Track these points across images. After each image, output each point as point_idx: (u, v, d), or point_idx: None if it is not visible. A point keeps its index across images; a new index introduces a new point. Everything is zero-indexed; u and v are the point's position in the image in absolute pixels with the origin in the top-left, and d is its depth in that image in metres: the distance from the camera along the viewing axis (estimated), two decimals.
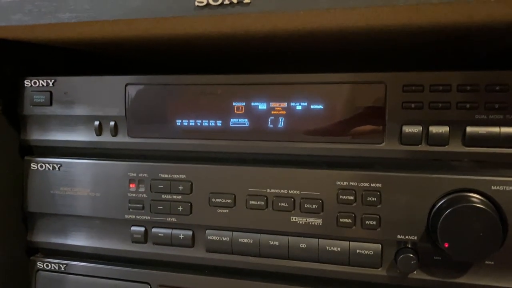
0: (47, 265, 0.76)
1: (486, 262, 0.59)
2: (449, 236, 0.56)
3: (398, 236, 0.61)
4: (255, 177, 0.65)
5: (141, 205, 0.70)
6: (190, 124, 0.67)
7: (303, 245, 0.64)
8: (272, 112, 0.64)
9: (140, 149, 0.70)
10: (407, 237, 0.60)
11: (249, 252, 0.67)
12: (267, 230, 0.66)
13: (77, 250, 0.75)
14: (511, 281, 0.58)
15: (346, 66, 0.61)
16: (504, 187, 0.57)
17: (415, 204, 0.60)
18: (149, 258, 0.71)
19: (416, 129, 0.59)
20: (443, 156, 0.59)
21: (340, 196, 0.62)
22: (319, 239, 0.64)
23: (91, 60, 0.90)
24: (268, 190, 0.65)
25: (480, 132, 0.57)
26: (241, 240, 0.67)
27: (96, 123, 0.71)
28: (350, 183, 0.62)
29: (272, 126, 0.64)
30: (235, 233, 0.67)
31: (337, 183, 0.62)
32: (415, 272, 0.61)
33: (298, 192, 0.64)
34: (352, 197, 0.62)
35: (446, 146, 0.58)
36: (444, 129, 0.58)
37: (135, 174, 0.70)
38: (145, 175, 0.70)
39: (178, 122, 0.68)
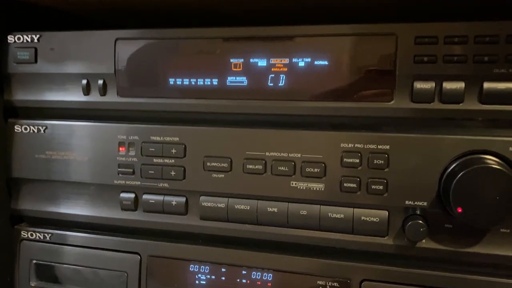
0: (31, 235, 0.72)
1: (501, 230, 0.54)
2: (462, 200, 0.52)
3: (407, 202, 0.56)
4: (253, 139, 0.61)
5: (131, 170, 0.66)
6: (184, 82, 0.63)
7: (303, 212, 0.60)
8: (273, 69, 0.59)
9: (130, 110, 0.66)
10: (416, 203, 0.56)
11: (245, 219, 0.62)
12: (265, 196, 0.61)
13: (63, 219, 0.71)
14: None
15: (353, 20, 0.56)
16: None
17: (426, 167, 0.55)
18: (139, 226, 0.67)
19: (428, 85, 0.54)
20: (457, 115, 0.54)
21: (344, 159, 0.58)
22: (321, 206, 0.59)
23: (79, 23, 0.85)
24: (267, 154, 0.61)
25: (498, 87, 0.52)
26: (238, 206, 0.62)
27: (84, 81, 0.66)
28: (356, 145, 0.57)
29: (272, 84, 0.60)
30: (231, 199, 0.63)
31: (342, 145, 0.58)
32: (424, 241, 0.57)
33: (299, 155, 0.60)
34: (357, 160, 0.57)
35: (461, 104, 0.54)
36: (459, 85, 0.53)
37: (125, 137, 0.66)
38: (136, 137, 0.65)
39: (171, 80, 0.63)
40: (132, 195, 0.66)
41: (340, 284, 0.60)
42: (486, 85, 0.53)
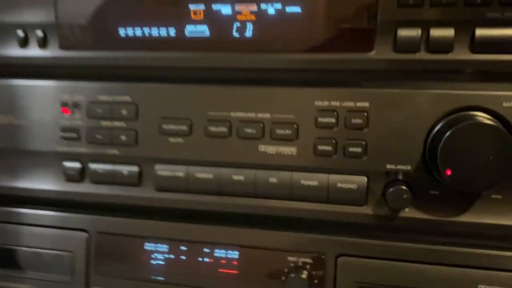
0: None
1: (492, 196, 0.49)
2: (452, 162, 0.46)
3: (388, 166, 0.50)
4: (216, 98, 0.54)
5: (76, 135, 0.58)
6: (136, 32, 0.55)
7: (273, 180, 0.54)
8: (238, 18, 0.52)
9: (74, 65, 0.58)
10: (398, 166, 0.50)
11: (208, 189, 0.56)
12: (230, 163, 0.55)
13: None
14: None
15: None
16: None
17: (410, 127, 0.50)
18: (86, 200, 0.60)
19: (414, 32, 0.48)
20: (446, 66, 0.48)
21: (319, 119, 0.51)
22: (293, 172, 0.53)
23: None
24: (232, 114, 0.54)
25: (492, 34, 0.46)
26: (198, 175, 0.55)
27: (20, 32, 0.58)
28: (331, 102, 0.51)
29: (238, 34, 0.52)
30: (191, 167, 0.56)
31: (316, 103, 0.52)
32: (406, 209, 0.51)
33: (268, 115, 0.53)
34: (333, 120, 0.51)
35: (450, 54, 0.48)
36: (449, 32, 0.47)
37: (68, 97, 0.58)
38: (81, 97, 0.58)
39: (122, 30, 0.55)
40: (78, 164, 0.59)
41: (314, 260, 0.54)
42: (479, 31, 0.47)
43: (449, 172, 0.46)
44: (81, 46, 0.56)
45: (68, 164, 0.59)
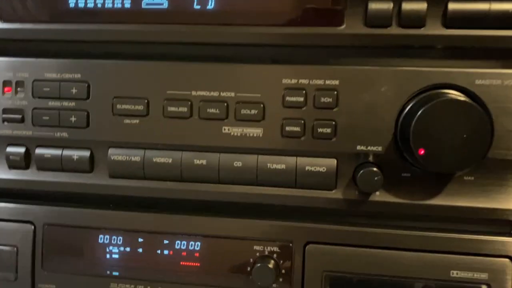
0: None
1: (465, 178, 0.47)
2: (425, 141, 0.44)
3: (358, 147, 0.48)
4: (176, 75, 0.51)
5: (20, 116, 0.53)
6: (88, 3, 0.50)
7: (238, 164, 0.50)
8: None
9: (17, 39, 0.53)
10: (369, 148, 0.48)
11: (167, 176, 0.52)
12: (191, 146, 0.51)
13: None
14: (493, 199, 0.47)
15: None
16: (491, 80, 0.45)
17: (381, 106, 0.48)
18: (32, 188, 0.55)
19: (385, 5, 0.46)
20: (418, 41, 0.46)
21: (287, 98, 0.48)
22: (259, 155, 0.50)
23: None
24: (193, 93, 0.50)
25: (465, 8, 0.45)
26: (156, 160, 0.52)
27: None
28: (300, 80, 0.48)
29: (199, 6, 0.49)
30: (148, 151, 0.52)
31: (283, 81, 0.49)
32: (377, 193, 0.49)
33: (232, 94, 0.50)
34: (301, 99, 0.48)
35: (423, 28, 0.46)
36: (421, 5, 0.45)
37: (11, 74, 0.53)
38: (25, 74, 0.53)
39: (71, 0, 0.50)
40: (22, 149, 0.54)
41: (281, 249, 0.51)
42: (451, 5, 0.45)
43: (422, 152, 0.44)
44: (25, 18, 0.52)
45: (11, 149, 0.54)
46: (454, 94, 0.46)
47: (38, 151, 0.53)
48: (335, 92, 0.48)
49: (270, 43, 0.49)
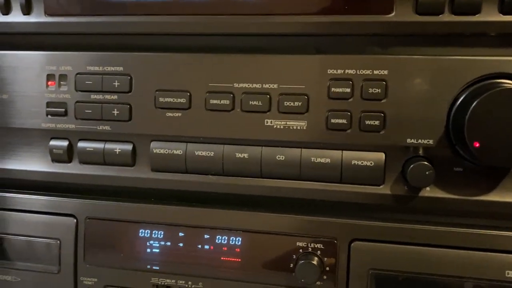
0: None
1: None
2: (480, 133, 0.42)
3: (408, 141, 0.46)
4: (218, 67, 0.50)
5: (63, 110, 0.53)
6: None
7: (280, 157, 0.49)
8: None
9: (61, 33, 0.53)
10: (419, 141, 0.46)
11: (208, 169, 0.51)
12: (233, 139, 0.50)
13: None
14: None
15: None
16: None
17: (432, 97, 0.46)
18: (74, 182, 0.55)
19: None
20: (472, 29, 0.44)
21: (332, 89, 0.47)
22: (302, 149, 0.49)
23: None
24: (236, 85, 0.49)
25: None
26: (198, 153, 0.51)
27: None
28: (346, 71, 0.47)
29: None
30: (190, 144, 0.51)
31: (329, 71, 0.47)
32: (428, 188, 0.47)
33: (275, 86, 0.48)
34: (348, 90, 0.47)
35: (478, 15, 0.44)
36: None
37: (54, 68, 0.53)
38: (69, 68, 0.53)
39: None
40: (65, 142, 0.54)
41: (325, 245, 0.50)
42: None
43: (477, 145, 0.42)
44: (69, 12, 0.52)
45: (54, 142, 0.54)
46: (510, 84, 0.43)
47: (81, 144, 0.53)
48: (384, 83, 0.46)
49: (315, 33, 0.47)
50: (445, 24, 0.44)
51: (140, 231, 0.54)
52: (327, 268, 0.49)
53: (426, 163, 0.45)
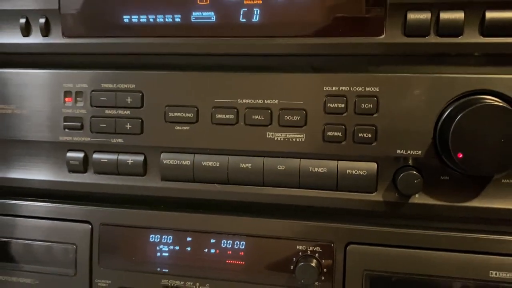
0: None
1: (503, 180, 0.49)
2: (463, 145, 0.45)
3: (398, 151, 0.50)
4: (223, 84, 0.53)
5: (80, 124, 0.57)
6: (141, 19, 0.54)
7: (281, 167, 0.53)
8: (245, 2, 0.51)
9: (78, 53, 0.57)
10: (409, 152, 0.49)
11: (215, 178, 0.55)
12: (237, 151, 0.54)
13: (0, 184, 0.61)
14: None
15: None
16: None
17: (420, 111, 0.49)
18: (89, 190, 0.59)
19: (423, 15, 0.47)
20: (456, 49, 0.48)
21: (328, 105, 0.51)
22: (301, 159, 0.52)
23: None
24: (239, 101, 0.53)
25: (502, 17, 0.46)
26: (205, 163, 0.54)
27: (23, 20, 0.56)
28: (341, 88, 0.50)
29: (245, 20, 0.52)
30: (197, 155, 0.55)
31: (325, 88, 0.51)
32: (417, 195, 0.50)
33: (276, 101, 0.52)
34: (342, 105, 0.50)
35: (460, 37, 0.47)
36: (458, 14, 0.47)
37: (71, 85, 0.57)
38: (84, 85, 0.56)
39: (126, 17, 0.54)
40: (81, 154, 0.58)
41: (323, 249, 0.53)
42: (489, 14, 0.46)
43: (460, 155, 0.46)
44: (84, 34, 0.55)
45: (71, 154, 0.57)
46: (491, 99, 0.47)
47: (96, 156, 0.57)
48: (375, 98, 0.49)
49: (312, 53, 0.51)
50: (431, 45, 0.48)
51: (151, 236, 0.57)
52: (325, 270, 0.53)
53: (415, 172, 0.49)
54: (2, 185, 0.60)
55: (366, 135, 0.50)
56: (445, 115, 0.48)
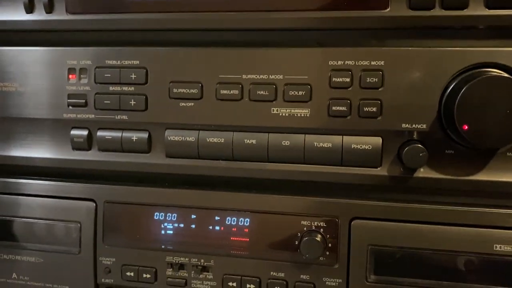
0: None
1: (508, 154, 0.49)
2: (468, 117, 0.45)
3: (403, 125, 0.50)
4: (227, 60, 0.53)
5: (84, 101, 0.56)
6: None
7: (286, 143, 0.53)
8: None
9: (81, 29, 0.56)
10: (414, 125, 0.50)
11: (219, 155, 0.55)
12: (242, 127, 0.54)
13: (4, 162, 0.60)
14: None
15: None
16: None
17: (425, 85, 0.49)
18: (94, 168, 0.58)
19: None
20: (461, 22, 0.48)
21: (333, 79, 0.51)
22: (306, 134, 0.52)
23: None
24: (244, 76, 0.53)
25: None
26: (210, 140, 0.54)
27: None
28: (346, 62, 0.50)
29: None
30: (202, 132, 0.55)
31: (330, 63, 0.51)
32: (422, 169, 0.50)
33: (281, 77, 0.52)
34: (347, 79, 0.50)
35: (465, 10, 0.47)
36: None
37: (75, 62, 0.56)
38: (88, 62, 0.56)
39: None
40: (85, 132, 0.57)
41: (327, 224, 0.53)
42: None
43: (466, 127, 0.46)
44: (88, 10, 0.55)
45: (75, 132, 0.57)
46: (495, 72, 0.47)
47: (100, 133, 0.57)
48: (381, 73, 0.49)
49: (317, 27, 0.51)
50: (435, 18, 0.48)
51: (155, 213, 0.57)
52: (330, 245, 0.53)
53: (420, 145, 0.49)
54: (5, 163, 0.60)
55: (371, 109, 0.50)
56: (450, 88, 0.48)
